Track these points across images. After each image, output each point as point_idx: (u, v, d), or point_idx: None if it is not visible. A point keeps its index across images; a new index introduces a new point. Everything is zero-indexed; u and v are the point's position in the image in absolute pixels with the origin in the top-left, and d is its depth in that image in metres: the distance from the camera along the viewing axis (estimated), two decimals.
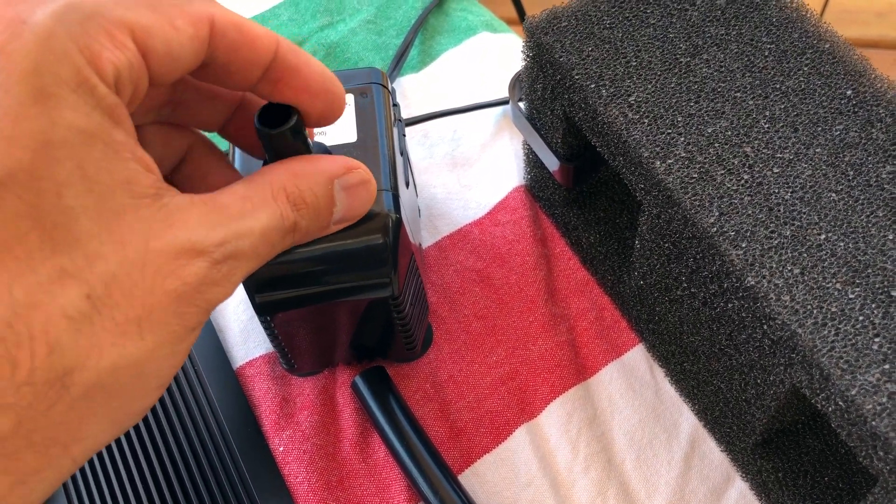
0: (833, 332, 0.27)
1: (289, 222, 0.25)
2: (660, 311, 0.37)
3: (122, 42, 0.21)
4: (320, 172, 0.26)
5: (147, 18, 0.21)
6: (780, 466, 0.35)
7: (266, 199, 0.24)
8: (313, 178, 0.26)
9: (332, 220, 0.27)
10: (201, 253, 0.22)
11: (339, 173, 0.27)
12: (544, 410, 0.39)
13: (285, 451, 0.39)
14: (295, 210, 0.25)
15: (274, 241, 0.25)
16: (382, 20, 0.56)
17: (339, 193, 0.27)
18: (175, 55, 0.22)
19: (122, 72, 0.21)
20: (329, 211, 0.27)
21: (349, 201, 0.27)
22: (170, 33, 0.22)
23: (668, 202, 0.31)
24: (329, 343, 0.38)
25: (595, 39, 0.35)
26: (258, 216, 0.24)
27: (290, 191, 0.25)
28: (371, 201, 0.29)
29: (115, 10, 0.21)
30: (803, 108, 0.33)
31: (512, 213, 0.46)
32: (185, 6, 0.23)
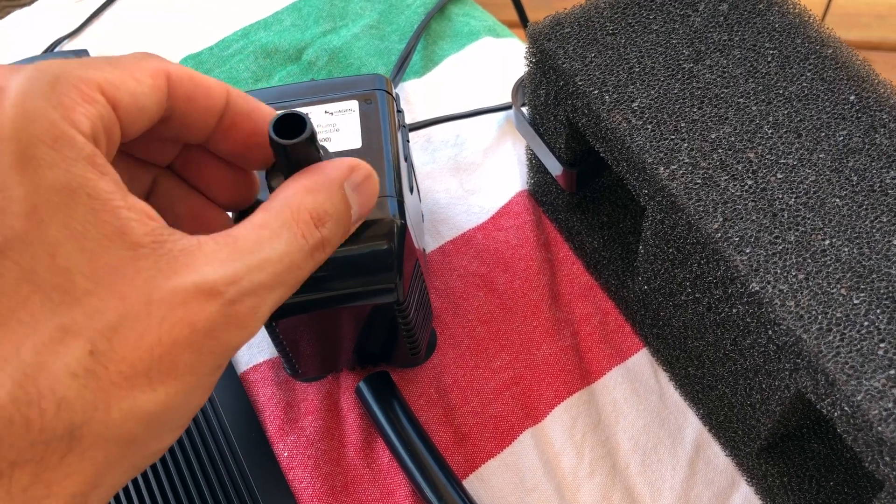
0: (838, 337, 0.27)
1: (314, 240, 0.25)
2: (664, 315, 0.37)
3: (91, 96, 0.21)
4: (333, 182, 0.26)
5: (111, 74, 0.22)
6: (786, 471, 0.35)
7: (286, 222, 0.24)
8: (328, 188, 0.26)
9: (353, 221, 0.27)
10: (212, 294, 0.21)
11: (347, 175, 0.27)
12: (549, 415, 0.40)
13: (290, 456, 0.39)
14: (321, 226, 0.25)
15: (299, 263, 0.24)
16: (385, 25, 0.56)
17: (351, 195, 0.27)
18: (140, 105, 0.23)
19: (95, 123, 0.21)
20: (349, 214, 0.27)
21: (361, 199, 0.27)
22: (133, 86, 0.23)
23: (671, 208, 0.31)
24: (333, 348, 0.38)
25: (598, 45, 0.35)
26: (275, 243, 0.23)
27: (311, 207, 0.25)
28: (377, 192, 0.29)
29: (81, 70, 0.22)
30: (806, 114, 0.33)
31: (515, 218, 0.46)
32: (142, 62, 0.24)
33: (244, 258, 0.22)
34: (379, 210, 0.32)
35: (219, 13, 0.59)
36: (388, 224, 0.32)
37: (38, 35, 0.58)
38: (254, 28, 0.57)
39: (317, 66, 0.54)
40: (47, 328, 0.19)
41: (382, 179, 0.33)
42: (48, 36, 0.58)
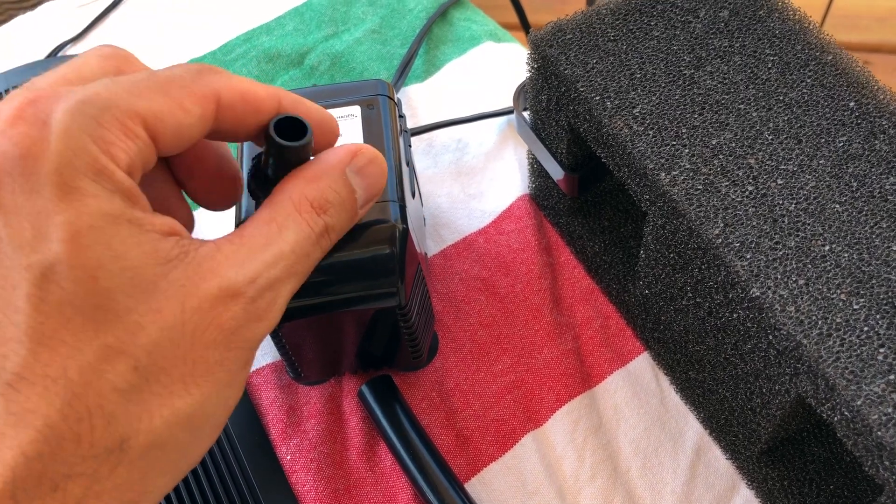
0: (838, 342, 0.27)
1: (319, 228, 0.25)
2: (665, 320, 0.37)
3: (133, 131, 0.22)
4: (333, 168, 0.27)
5: (158, 104, 0.23)
6: (786, 475, 0.35)
7: (290, 214, 0.25)
8: (329, 175, 0.26)
9: (359, 205, 0.28)
10: (235, 295, 0.23)
11: (348, 160, 0.27)
12: (550, 419, 0.40)
13: (292, 459, 0.39)
14: (323, 213, 0.26)
15: (308, 252, 0.25)
16: (387, 30, 0.56)
17: (353, 179, 0.27)
18: (183, 135, 0.24)
19: (133, 158, 0.22)
20: (353, 199, 0.27)
21: (366, 182, 0.28)
22: (179, 116, 0.23)
23: (672, 213, 0.32)
24: (336, 352, 0.39)
25: (599, 52, 0.36)
26: (285, 237, 0.24)
27: (312, 196, 0.25)
28: (384, 175, 0.29)
29: (128, 101, 0.22)
30: (807, 120, 0.33)
31: (517, 222, 0.46)
32: (194, 86, 0.24)
33: (259, 256, 0.23)
34: (381, 214, 0.32)
35: (222, 17, 0.59)
36: (389, 229, 0.32)
37: (41, 39, 0.59)
38: (256, 32, 0.57)
39: (319, 70, 0.54)
40: (91, 347, 0.20)
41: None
42: (52, 40, 0.58)
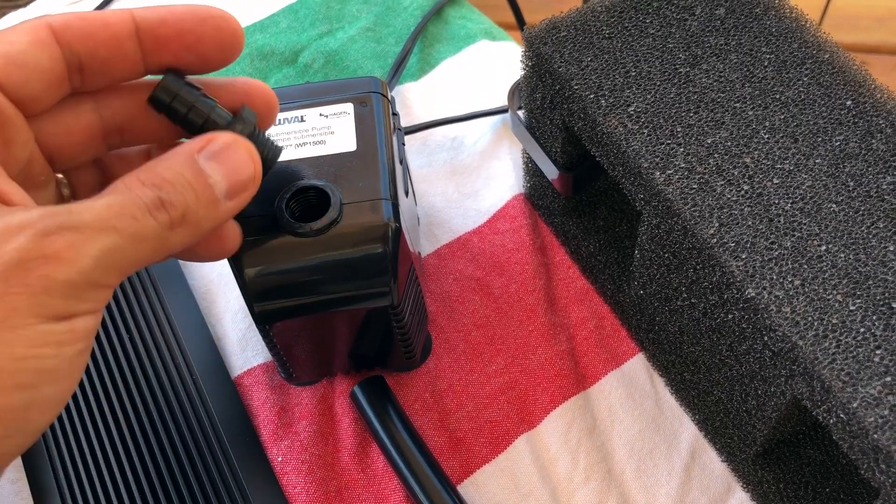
0: (834, 344, 0.27)
1: (148, 197, 0.23)
2: (660, 320, 0.37)
3: None
4: (176, 153, 0.25)
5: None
6: (782, 477, 0.34)
7: (115, 188, 0.23)
8: (170, 159, 0.24)
9: (219, 193, 0.25)
10: (21, 227, 0.20)
11: (199, 147, 0.25)
12: (544, 420, 0.39)
13: (283, 461, 0.38)
14: (156, 189, 0.23)
15: (135, 213, 0.23)
16: (381, 28, 0.56)
17: (207, 165, 0.25)
18: (21, 64, 0.23)
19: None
20: (204, 184, 0.25)
21: (224, 168, 0.25)
22: (6, 48, 0.23)
23: (667, 213, 0.31)
24: (328, 352, 0.38)
25: (594, 49, 0.35)
26: (102, 198, 0.22)
27: (144, 177, 0.24)
28: (253, 161, 0.27)
29: None
30: (803, 119, 0.32)
31: (511, 222, 0.46)
32: (17, 26, 0.24)
33: (63, 206, 0.22)
34: (373, 213, 0.32)
35: None
36: (382, 228, 0.32)
37: None
38: (250, 30, 0.57)
39: (313, 68, 0.54)
40: None
41: (377, 183, 0.33)
42: None
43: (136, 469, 0.38)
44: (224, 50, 0.27)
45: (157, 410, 0.40)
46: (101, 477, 0.38)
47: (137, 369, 0.41)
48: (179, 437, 0.39)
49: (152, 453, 0.39)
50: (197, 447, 0.39)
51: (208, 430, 0.39)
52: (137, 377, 0.41)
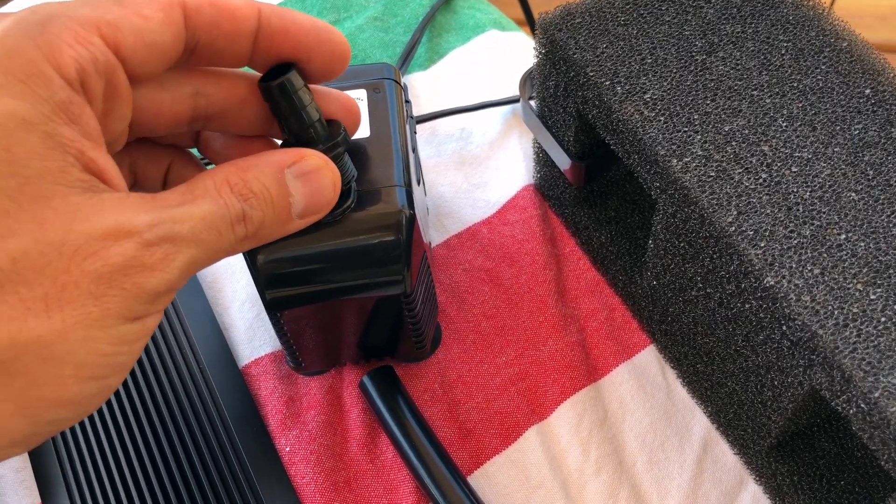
0: (855, 333, 0.27)
1: (235, 210, 0.24)
2: (673, 311, 0.36)
3: (85, 38, 0.21)
4: (267, 163, 0.25)
5: (113, 14, 0.22)
6: (796, 470, 0.34)
7: (207, 190, 0.24)
8: (260, 168, 0.25)
9: (295, 212, 0.26)
10: (129, 234, 0.21)
11: (289, 162, 0.26)
12: (555, 411, 0.39)
13: (292, 451, 0.38)
14: (242, 200, 0.24)
15: (220, 228, 0.23)
16: (389, 17, 0.55)
17: (292, 182, 0.26)
18: (149, 43, 0.23)
19: (85, 66, 0.21)
20: (284, 201, 0.26)
21: (307, 189, 0.26)
22: (139, 23, 0.22)
23: (684, 201, 0.31)
24: (338, 341, 0.38)
25: (609, 36, 0.35)
26: (198, 204, 0.23)
27: (234, 182, 0.24)
28: (335, 188, 0.28)
29: (80, 10, 0.21)
30: (821, 107, 0.32)
31: (521, 213, 0.45)
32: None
33: (166, 210, 0.22)
34: (387, 200, 0.31)
35: None
36: (396, 214, 0.31)
37: None
38: None
39: None
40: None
41: (390, 169, 0.32)
42: None
43: (142, 458, 0.38)
44: (328, 73, 0.27)
45: (164, 400, 0.40)
46: (107, 466, 0.38)
47: (144, 359, 0.41)
48: (187, 426, 0.39)
49: (159, 443, 0.38)
50: (204, 437, 0.38)
51: (216, 419, 0.39)
52: (144, 367, 0.41)
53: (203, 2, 0.24)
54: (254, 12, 0.25)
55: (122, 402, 0.40)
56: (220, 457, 0.38)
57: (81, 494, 0.37)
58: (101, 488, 0.37)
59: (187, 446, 0.38)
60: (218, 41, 0.25)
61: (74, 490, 0.37)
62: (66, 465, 0.38)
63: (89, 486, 0.37)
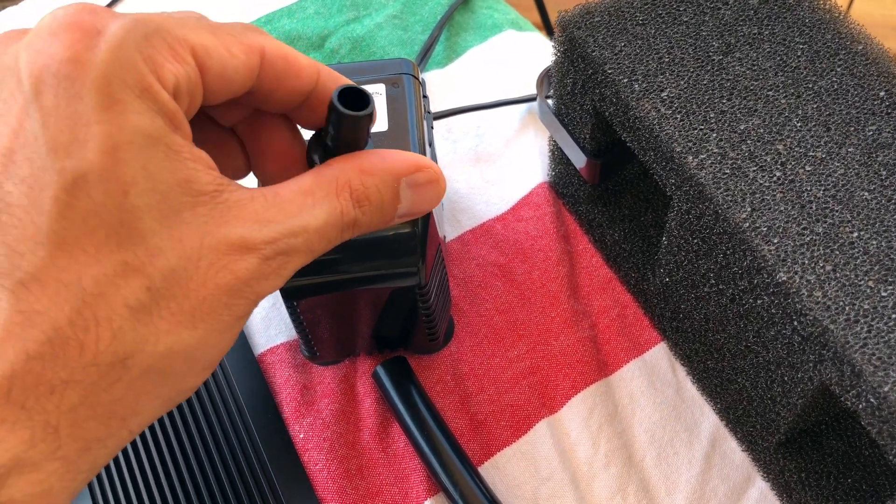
0: (866, 328, 0.27)
1: (348, 218, 0.25)
2: (685, 308, 0.37)
3: (182, 56, 0.22)
4: (388, 171, 0.26)
5: (207, 40, 0.23)
6: (803, 466, 0.34)
7: (329, 194, 0.25)
8: (381, 175, 0.26)
9: (396, 214, 0.27)
10: (252, 249, 0.23)
11: (408, 172, 0.27)
12: (565, 405, 0.39)
13: (305, 438, 0.39)
14: (357, 207, 0.25)
15: (330, 237, 0.25)
16: (408, 15, 0.56)
17: (405, 191, 0.27)
18: (228, 77, 0.24)
19: (180, 82, 0.22)
20: (393, 208, 0.27)
21: (415, 198, 0.27)
22: (226, 56, 0.24)
23: (699, 197, 0.31)
24: (353, 331, 0.39)
25: (628, 35, 0.35)
26: (316, 212, 0.24)
27: (356, 187, 0.25)
28: (438, 199, 0.28)
29: (179, 30, 0.23)
30: (836, 108, 0.33)
31: (535, 210, 0.46)
32: (241, 35, 0.24)
33: (285, 222, 0.23)
34: None
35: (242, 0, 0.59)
36: None
37: None
38: (277, 15, 0.57)
39: (339, 54, 0.54)
40: (110, 261, 0.20)
41: None
42: None
43: (158, 443, 0.39)
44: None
45: None
46: (124, 452, 0.38)
47: None
48: (203, 412, 0.39)
49: (175, 428, 0.39)
50: (220, 423, 0.39)
51: (231, 406, 0.39)
52: None
53: (277, 54, 0.25)
54: (314, 74, 0.26)
55: None
56: (236, 443, 0.38)
57: (98, 478, 0.38)
58: (118, 470, 0.38)
59: (203, 432, 0.39)
60: (276, 92, 0.26)
61: None
62: None
63: (106, 469, 0.38)
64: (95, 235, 0.20)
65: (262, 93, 0.26)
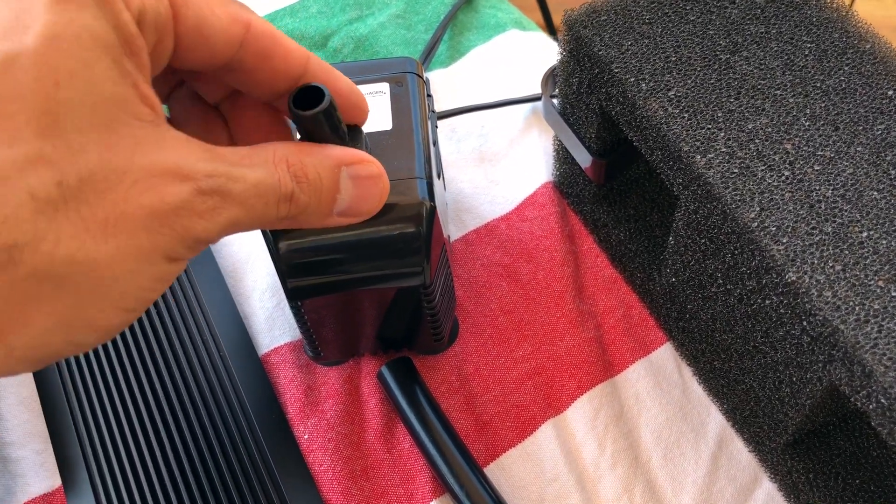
0: (876, 328, 0.27)
1: (286, 188, 0.24)
2: (691, 308, 0.37)
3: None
4: (327, 156, 0.26)
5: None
6: (811, 467, 0.34)
7: (266, 161, 0.24)
8: (318, 157, 0.25)
9: (336, 208, 0.26)
10: (187, 177, 0.21)
11: (348, 161, 0.26)
12: (571, 406, 0.39)
13: (310, 438, 0.38)
14: (295, 181, 0.24)
15: (268, 199, 0.24)
16: (411, 15, 0.56)
17: (345, 181, 0.26)
18: (206, 36, 0.23)
19: (147, 10, 0.21)
20: (331, 195, 0.26)
21: (356, 192, 0.27)
22: (206, 13, 0.23)
23: (707, 197, 0.31)
24: (357, 332, 0.38)
25: (634, 34, 0.35)
26: (254, 170, 0.23)
27: (293, 162, 0.24)
28: (381, 200, 0.28)
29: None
30: (844, 107, 0.32)
31: (540, 210, 0.46)
32: (227, 4, 0.24)
33: (224, 165, 0.23)
34: (408, 192, 0.32)
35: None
36: (417, 206, 0.32)
37: None
38: (280, 14, 0.57)
39: (342, 53, 0.54)
40: (24, 147, 0.19)
41: (412, 161, 0.33)
42: None
43: (162, 443, 0.38)
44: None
45: (185, 387, 0.40)
46: (127, 449, 0.38)
47: (166, 346, 0.41)
48: (207, 413, 0.39)
49: (180, 429, 0.39)
50: (224, 423, 0.39)
51: (236, 406, 0.39)
52: (166, 354, 0.41)
53: (265, 31, 0.24)
54: (302, 60, 0.26)
55: (144, 387, 0.40)
56: (240, 443, 0.38)
57: (102, 477, 0.38)
58: (122, 471, 0.38)
59: (207, 433, 0.39)
60: (260, 73, 0.25)
61: (95, 472, 0.38)
62: (87, 448, 0.39)
63: (109, 469, 0.38)
64: (15, 119, 0.19)
65: (246, 71, 0.25)
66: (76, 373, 0.41)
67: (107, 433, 0.39)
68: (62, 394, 0.40)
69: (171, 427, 0.39)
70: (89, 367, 0.41)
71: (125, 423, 0.39)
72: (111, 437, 0.39)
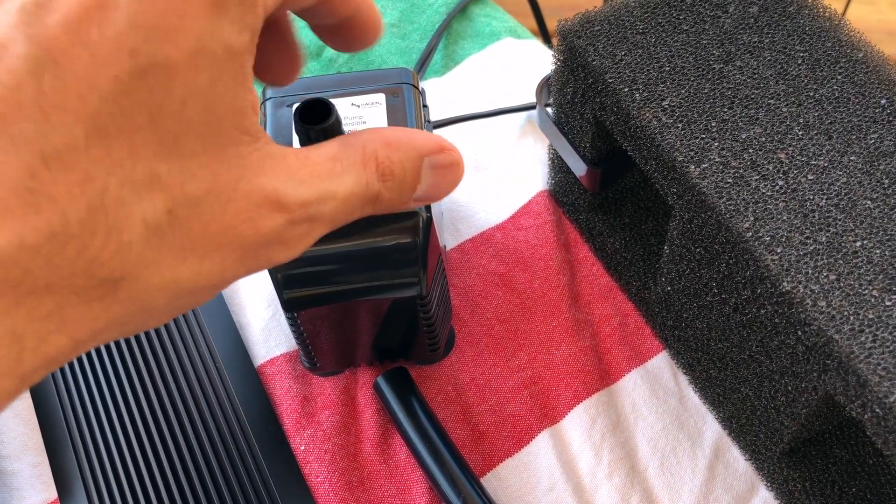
0: (871, 338, 0.27)
1: (373, 191, 0.24)
2: (687, 317, 0.37)
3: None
4: (414, 147, 0.25)
5: None
6: (807, 476, 0.34)
7: (356, 163, 0.23)
8: (406, 151, 0.25)
9: (413, 196, 0.26)
10: (283, 209, 0.21)
11: (431, 151, 0.26)
12: (567, 416, 0.39)
13: (306, 450, 0.38)
14: (381, 180, 0.24)
15: (353, 208, 0.24)
16: (406, 24, 0.56)
17: (426, 171, 0.26)
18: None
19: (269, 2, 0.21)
20: (412, 187, 0.26)
21: (434, 180, 0.26)
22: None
23: (701, 206, 0.31)
24: (353, 342, 0.38)
25: (628, 44, 0.35)
26: (344, 180, 0.23)
27: (381, 160, 0.24)
28: (455, 185, 0.28)
29: None
30: (837, 117, 0.33)
31: (535, 218, 0.46)
32: None
33: (318, 185, 0.22)
34: None
35: None
36: (413, 217, 0.32)
37: None
38: None
39: (337, 63, 0.54)
40: (143, 168, 0.18)
41: None
42: None
43: (158, 455, 0.38)
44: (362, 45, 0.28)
45: (180, 398, 0.40)
46: (123, 462, 0.38)
47: (162, 357, 0.41)
48: (203, 424, 0.39)
49: (175, 440, 0.39)
50: (220, 435, 0.39)
51: (232, 418, 0.39)
52: (162, 365, 0.41)
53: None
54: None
55: (140, 398, 0.40)
56: (236, 455, 0.38)
57: (98, 490, 0.38)
58: (118, 483, 0.38)
59: (203, 444, 0.39)
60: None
61: (91, 486, 0.38)
62: (83, 461, 0.38)
63: (105, 482, 0.38)
64: (138, 135, 0.18)
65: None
66: (72, 385, 0.41)
67: (103, 446, 0.39)
68: (58, 406, 0.40)
69: (167, 439, 0.39)
70: (85, 380, 0.41)
71: (121, 435, 0.39)
72: (107, 449, 0.39)
